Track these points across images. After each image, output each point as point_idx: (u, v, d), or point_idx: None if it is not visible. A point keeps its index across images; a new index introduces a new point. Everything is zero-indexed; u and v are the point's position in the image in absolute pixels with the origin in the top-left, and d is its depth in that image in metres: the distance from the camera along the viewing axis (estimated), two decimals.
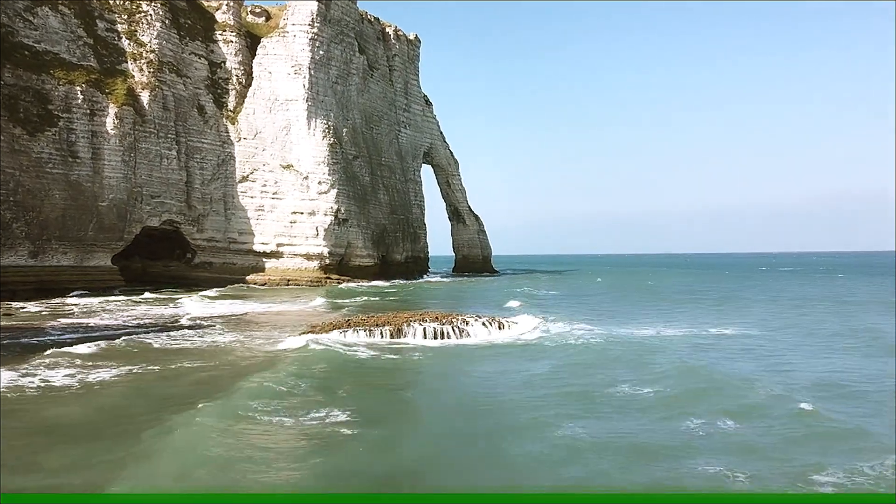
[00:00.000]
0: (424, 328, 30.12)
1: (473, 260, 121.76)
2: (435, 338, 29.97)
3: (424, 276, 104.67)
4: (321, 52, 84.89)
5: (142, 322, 36.72)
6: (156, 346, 27.94)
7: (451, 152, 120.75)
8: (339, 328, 29.72)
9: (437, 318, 32.65)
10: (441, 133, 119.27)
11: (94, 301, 52.07)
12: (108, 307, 46.30)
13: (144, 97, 74.56)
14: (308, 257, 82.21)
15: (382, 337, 29.33)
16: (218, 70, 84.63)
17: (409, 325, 30.68)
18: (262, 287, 78.11)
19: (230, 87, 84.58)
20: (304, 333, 29.73)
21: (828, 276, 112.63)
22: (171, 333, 31.68)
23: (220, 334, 31.45)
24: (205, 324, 35.67)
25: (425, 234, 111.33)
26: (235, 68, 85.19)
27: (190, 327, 34.08)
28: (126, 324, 35.97)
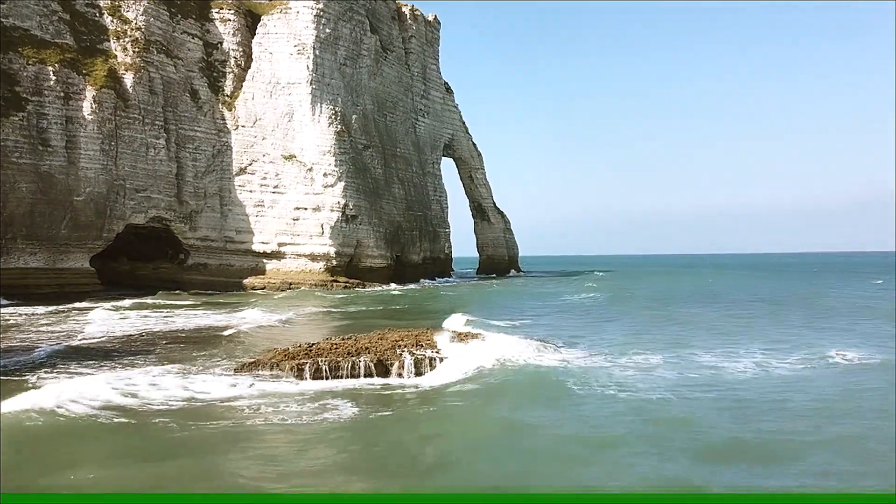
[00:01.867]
0: (416, 359, 21.00)
1: (499, 260, 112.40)
2: (432, 368, 20.90)
3: (445, 278, 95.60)
4: (327, 31, 76.30)
5: (11, 345, 27.78)
6: None
7: (474, 144, 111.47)
8: (294, 359, 20.70)
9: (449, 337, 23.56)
10: (463, 123, 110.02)
11: (18, 310, 42.90)
12: (19, 320, 37.19)
13: (128, 79, 66.66)
14: (313, 258, 73.66)
15: (355, 375, 20.28)
16: (214, 52, 76.53)
17: (397, 351, 21.61)
18: (261, 291, 69.79)
19: (227, 70, 76.42)
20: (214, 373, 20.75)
21: (868, 276, 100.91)
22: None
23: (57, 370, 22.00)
24: (87, 346, 27.05)
25: (447, 232, 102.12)
26: (233, 49, 77.02)
27: (46, 355, 24.86)
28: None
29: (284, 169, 73.92)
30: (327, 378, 19.90)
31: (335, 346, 22.19)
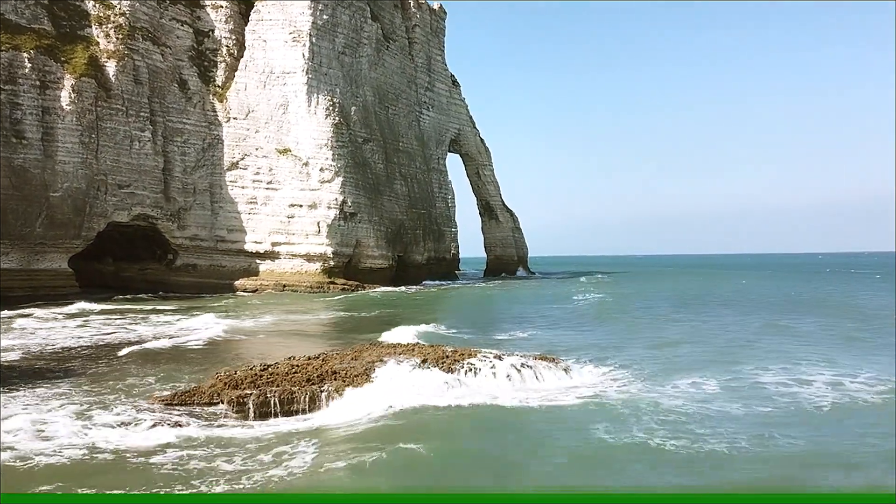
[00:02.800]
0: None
1: (507, 261, 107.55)
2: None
3: (451, 279, 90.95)
4: (325, 17, 71.83)
5: None
6: None
7: (482, 140, 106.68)
8: (237, 387, 16.11)
9: (439, 358, 18.98)
10: (470, 118, 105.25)
11: None
12: None
13: (110, 68, 62.41)
14: (308, 258, 69.19)
15: (315, 408, 15.65)
16: (205, 40, 72.22)
17: (371, 377, 17.00)
18: (252, 294, 65.46)
19: (219, 59, 72.08)
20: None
21: (885, 277, 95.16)
22: None
23: None
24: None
25: (453, 231, 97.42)
26: (226, 37, 72.70)
27: None
28: None
29: (279, 164, 69.51)
30: (276, 415, 15.29)
31: (296, 369, 17.60)
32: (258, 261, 69.82)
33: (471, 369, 17.81)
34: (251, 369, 17.70)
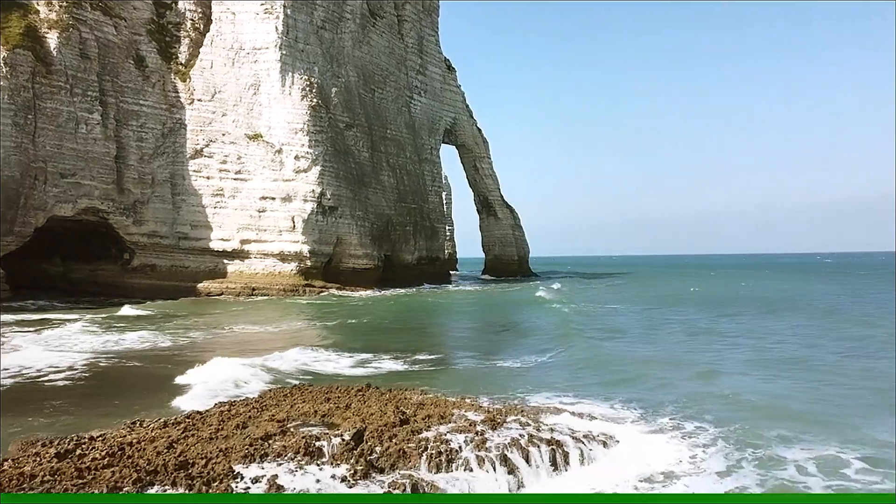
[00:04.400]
0: None
1: (507, 261, 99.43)
2: None
3: (445, 282, 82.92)
4: None
5: None
6: None
7: (479, 130, 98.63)
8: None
9: (388, 425, 11.15)
10: (467, 106, 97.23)
11: None
12: None
13: (51, 39, 54.47)
14: (282, 257, 61.24)
15: None
16: (167, 12, 64.28)
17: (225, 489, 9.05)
18: (218, 298, 57.54)
19: (182, 33, 64.16)
20: None
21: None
22: None
23: None
24: None
25: (448, 229, 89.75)
26: (190, 10, 64.76)
27: None
28: None
29: (248, 151, 61.53)
30: None
31: (123, 452, 9.62)
32: (226, 261, 61.86)
33: (439, 454, 9.83)
34: (45, 451, 9.71)
